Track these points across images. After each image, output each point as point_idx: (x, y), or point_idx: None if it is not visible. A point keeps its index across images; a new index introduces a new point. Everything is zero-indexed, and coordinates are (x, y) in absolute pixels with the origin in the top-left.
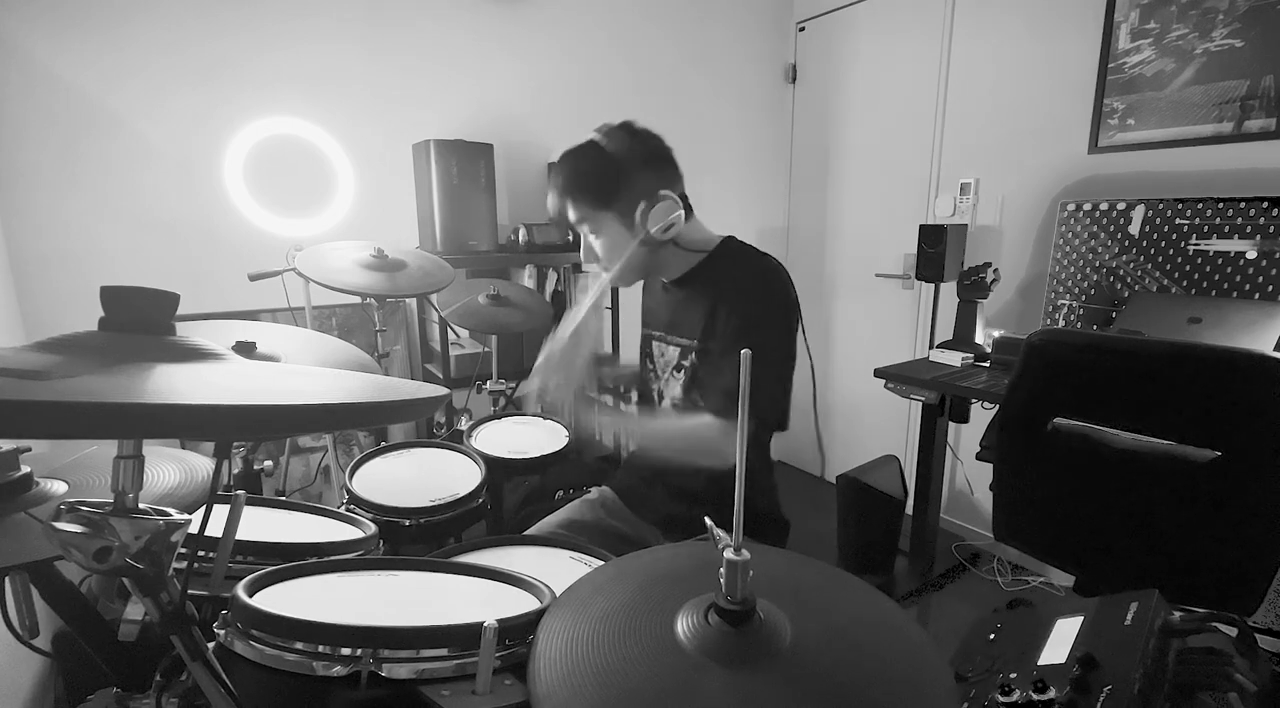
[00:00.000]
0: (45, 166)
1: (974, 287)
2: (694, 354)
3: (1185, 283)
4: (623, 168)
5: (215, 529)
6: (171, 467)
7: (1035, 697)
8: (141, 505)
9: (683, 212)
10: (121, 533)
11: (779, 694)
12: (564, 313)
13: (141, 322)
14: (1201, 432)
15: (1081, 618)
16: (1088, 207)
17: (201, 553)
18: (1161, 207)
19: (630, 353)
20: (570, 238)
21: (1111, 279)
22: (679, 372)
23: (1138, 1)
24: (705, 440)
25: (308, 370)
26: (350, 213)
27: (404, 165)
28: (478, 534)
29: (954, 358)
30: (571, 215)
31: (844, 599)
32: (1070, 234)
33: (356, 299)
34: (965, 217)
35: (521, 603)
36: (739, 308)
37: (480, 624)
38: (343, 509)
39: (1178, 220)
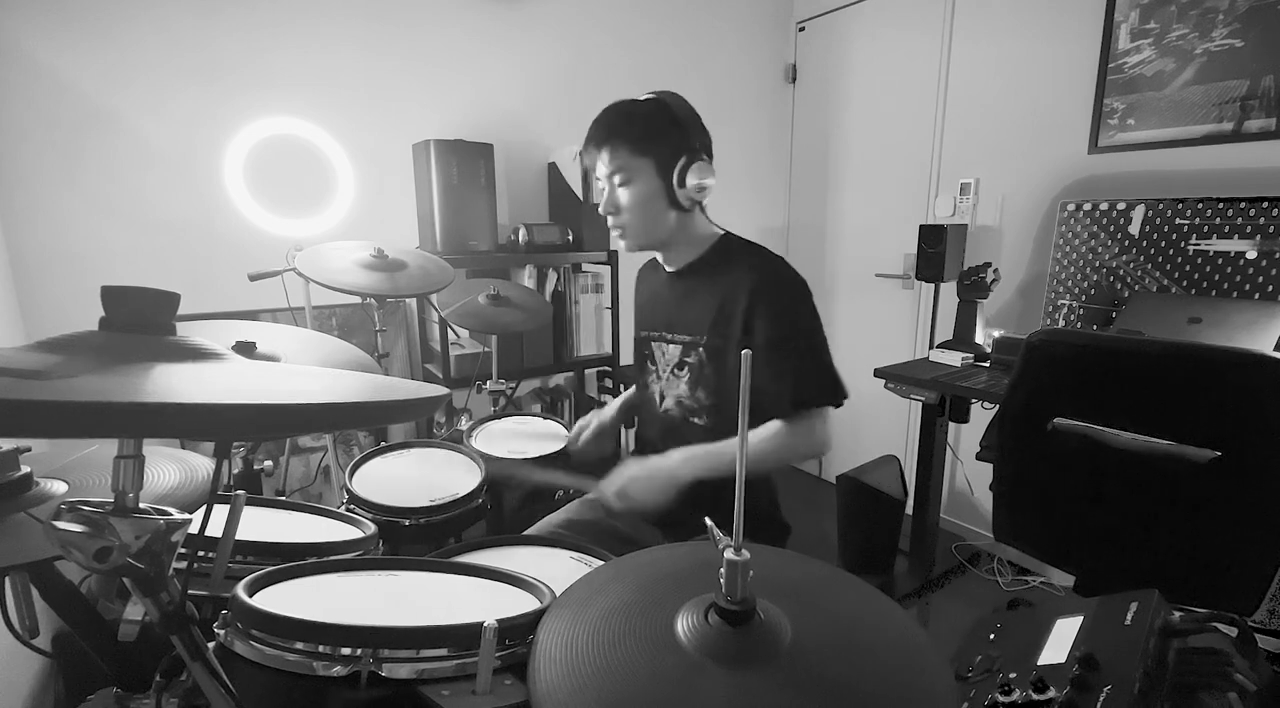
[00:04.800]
0: (46, 166)
1: (974, 287)
2: (701, 350)
3: (1185, 283)
4: (674, 116)
5: (215, 529)
6: (171, 467)
7: (1035, 697)
8: (141, 505)
9: (714, 180)
10: (121, 533)
11: (779, 694)
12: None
13: (142, 322)
14: (1201, 432)
15: (1081, 618)
16: (1088, 206)
17: (201, 553)
18: (1161, 207)
19: (631, 353)
20: (569, 237)
21: (1111, 279)
22: (681, 369)
23: (1138, 1)
24: (785, 447)
25: (308, 370)
26: (350, 213)
27: (404, 165)
28: (478, 534)
29: (954, 358)
30: (605, 166)
31: (844, 599)
32: (1070, 234)
33: (356, 299)
34: (965, 216)
35: (521, 603)
36: (764, 307)
37: (480, 624)
38: (342, 509)
39: (1178, 220)
